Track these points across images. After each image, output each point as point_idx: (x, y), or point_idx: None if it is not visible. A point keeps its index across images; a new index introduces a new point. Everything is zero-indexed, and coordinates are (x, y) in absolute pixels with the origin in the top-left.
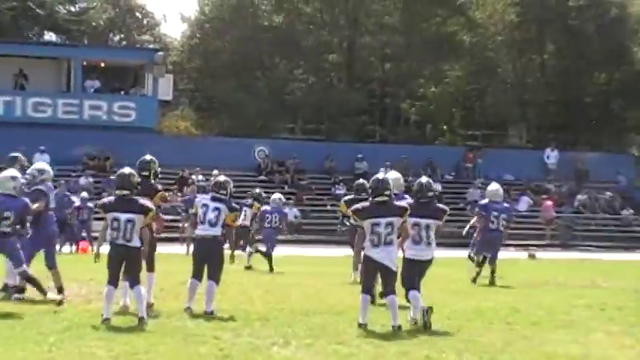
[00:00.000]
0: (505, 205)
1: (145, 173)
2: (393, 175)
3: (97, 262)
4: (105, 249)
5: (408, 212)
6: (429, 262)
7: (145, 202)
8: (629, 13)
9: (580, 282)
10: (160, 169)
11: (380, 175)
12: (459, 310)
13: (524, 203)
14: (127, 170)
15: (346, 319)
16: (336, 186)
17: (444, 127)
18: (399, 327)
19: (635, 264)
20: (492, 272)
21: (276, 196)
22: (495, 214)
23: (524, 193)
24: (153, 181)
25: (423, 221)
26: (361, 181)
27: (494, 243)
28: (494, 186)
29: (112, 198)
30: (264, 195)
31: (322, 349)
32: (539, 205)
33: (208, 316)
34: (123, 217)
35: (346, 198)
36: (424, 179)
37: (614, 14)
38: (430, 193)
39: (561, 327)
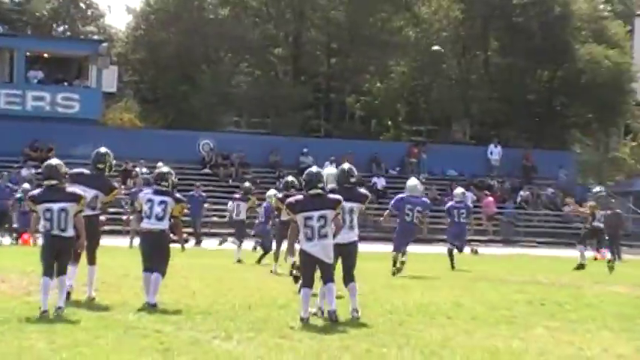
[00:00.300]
0: (423, 199)
1: (101, 166)
2: (329, 171)
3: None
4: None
5: (342, 205)
6: (352, 244)
7: (74, 189)
8: (572, 10)
9: (521, 278)
10: (114, 161)
11: (314, 169)
12: (400, 305)
13: (467, 199)
14: (54, 161)
15: (289, 312)
16: (281, 180)
17: (389, 122)
18: (334, 312)
19: (575, 260)
20: (402, 263)
21: (272, 192)
22: (409, 207)
23: (468, 188)
24: (108, 173)
25: (347, 205)
26: (290, 178)
27: (409, 234)
28: (413, 181)
29: (39, 190)
30: (253, 189)
31: (264, 343)
32: (481, 201)
33: (151, 308)
34: (55, 206)
35: (279, 195)
36: (346, 166)
37: (557, 12)
38: (352, 179)
39: (502, 322)
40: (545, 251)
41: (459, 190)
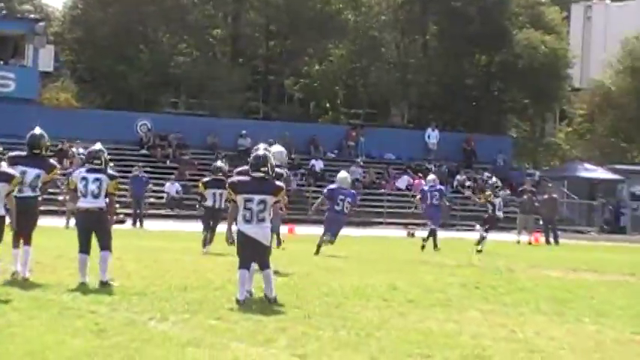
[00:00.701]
0: (352, 191)
1: (37, 151)
2: (276, 149)
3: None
4: None
5: (284, 192)
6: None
7: (6, 169)
8: None
9: (456, 261)
10: (49, 142)
11: (260, 152)
12: (336, 288)
13: (403, 182)
14: None
15: (225, 294)
16: (219, 160)
17: (328, 105)
18: (275, 299)
19: (510, 244)
20: (319, 246)
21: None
22: (341, 197)
23: (405, 172)
24: (44, 154)
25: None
26: (218, 163)
27: (338, 222)
28: (343, 174)
29: None
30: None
31: (200, 325)
32: (414, 184)
33: (103, 286)
34: None
35: (205, 179)
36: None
37: None
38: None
39: (437, 305)
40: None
41: (431, 176)
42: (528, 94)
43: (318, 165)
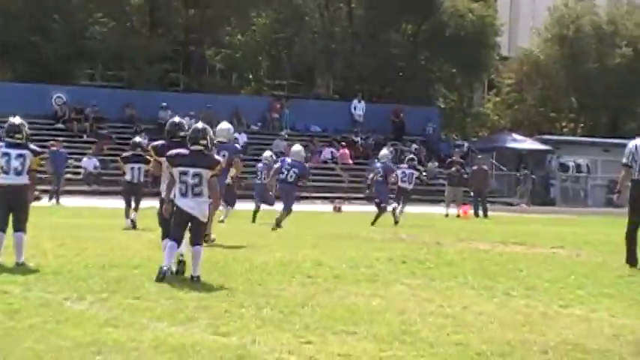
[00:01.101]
0: (302, 163)
1: None
2: (224, 126)
3: None
4: None
5: (220, 167)
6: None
7: None
8: None
9: (383, 235)
10: None
11: (200, 125)
12: (260, 264)
13: (327, 154)
14: None
15: (144, 272)
16: (138, 135)
17: (250, 76)
18: (198, 278)
19: (438, 217)
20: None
21: (267, 153)
22: (288, 167)
23: (331, 144)
24: None
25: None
26: (137, 139)
27: (286, 192)
28: (297, 147)
29: None
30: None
31: (118, 304)
32: (338, 156)
33: (20, 266)
34: None
35: (124, 154)
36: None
37: None
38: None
39: (363, 280)
40: (409, 208)
41: (384, 151)
42: (456, 63)
43: (242, 138)
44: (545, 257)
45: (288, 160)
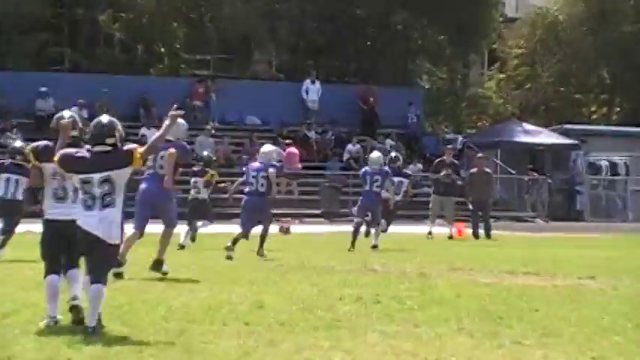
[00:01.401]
0: (274, 164)
1: None
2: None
3: None
4: None
5: (139, 154)
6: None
7: None
8: None
9: (348, 265)
10: None
11: (104, 118)
12: (180, 307)
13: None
14: None
15: (18, 322)
16: (8, 133)
17: (162, 49)
18: (95, 329)
19: (422, 238)
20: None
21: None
22: (254, 173)
23: (275, 141)
24: None
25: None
26: (18, 144)
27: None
28: (268, 147)
29: None
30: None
31: None
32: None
33: None
34: None
35: (36, 144)
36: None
37: None
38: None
39: (320, 328)
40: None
41: (375, 153)
42: (445, 27)
43: (151, 135)
44: (570, 292)
45: (255, 164)
